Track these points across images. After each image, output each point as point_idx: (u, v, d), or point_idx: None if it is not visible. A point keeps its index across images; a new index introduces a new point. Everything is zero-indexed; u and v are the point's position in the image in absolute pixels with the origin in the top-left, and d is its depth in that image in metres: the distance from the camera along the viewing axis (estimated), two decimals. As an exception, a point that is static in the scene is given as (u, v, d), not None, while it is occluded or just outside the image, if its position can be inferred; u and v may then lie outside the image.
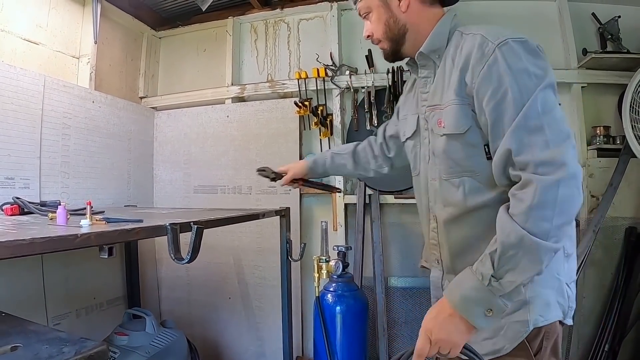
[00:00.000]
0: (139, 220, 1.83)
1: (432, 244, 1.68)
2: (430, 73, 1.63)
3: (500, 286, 1.22)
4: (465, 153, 1.46)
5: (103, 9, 3.81)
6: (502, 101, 1.30)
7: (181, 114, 4.34)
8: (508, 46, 1.33)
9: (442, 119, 1.50)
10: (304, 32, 4.15)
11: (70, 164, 3.35)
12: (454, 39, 1.55)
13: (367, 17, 1.68)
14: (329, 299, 2.94)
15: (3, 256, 1.11)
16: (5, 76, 2.85)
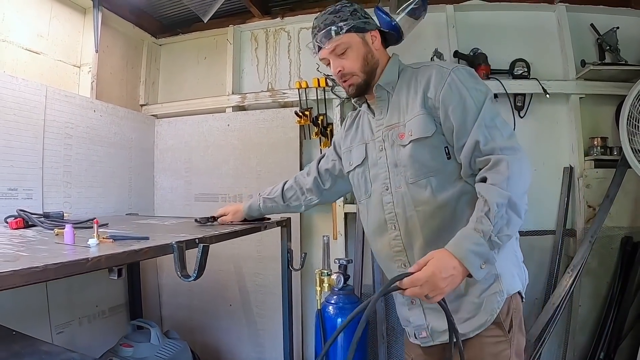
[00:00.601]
0: (145, 237, 1.85)
1: (396, 251, 1.85)
2: (384, 103, 1.90)
3: (498, 240, 1.45)
4: (431, 154, 1.72)
5: (104, 17, 3.83)
6: (464, 109, 1.64)
7: (182, 122, 4.36)
8: (459, 70, 1.72)
9: (408, 130, 1.75)
10: (305, 41, 4.15)
11: (72, 174, 3.38)
12: (405, 73, 1.88)
13: (343, 54, 1.82)
14: (330, 311, 2.99)
15: (18, 284, 1.13)
16: (7, 87, 2.87)
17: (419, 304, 1.84)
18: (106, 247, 1.65)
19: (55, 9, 3.54)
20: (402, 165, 1.78)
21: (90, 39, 3.75)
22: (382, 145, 1.87)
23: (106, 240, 1.75)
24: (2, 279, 1.09)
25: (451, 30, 3.73)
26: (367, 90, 1.90)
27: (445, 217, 1.71)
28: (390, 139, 1.83)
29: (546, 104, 3.59)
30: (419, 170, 1.73)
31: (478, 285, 1.67)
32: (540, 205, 3.50)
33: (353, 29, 1.81)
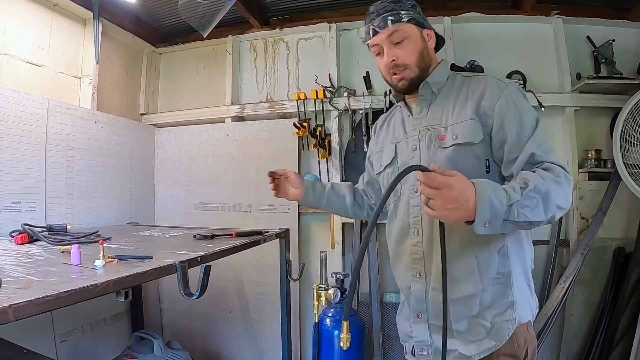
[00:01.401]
0: (149, 257, 1.91)
1: (414, 259, 1.76)
2: (426, 102, 1.80)
3: (515, 213, 1.36)
4: (471, 163, 1.63)
5: (104, 28, 3.87)
6: (520, 123, 1.57)
7: (182, 132, 4.41)
8: (516, 87, 1.66)
9: (451, 133, 1.66)
10: (303, 51, 4.23)
11: (74, 185, 3.43)
12: (455, 79, 1.81)
13: (399, 43, 1.72)
14: (327, 324, 3.11)
15: (33, 313, 1.19)
16: (10, 101, 2.92)
17: (425, 318, 1.75)
18: (112, 267, 1.72)
19: (55, 21, 3.58)
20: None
21: (91, 50, 3.79)
22: (417, 145, 1.78)
23: (112, 260, 1.81)
24: (18, 309, 1.15)
25: (448, 42, 3.73)
26: (416, 88, 1.79)
27: (471, 234, 1.48)
28: (427, 139, 1.74)
29: (541, 115, 3.45)
30: None
31: (492, 310, 1.62)
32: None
33: (413, 21, 1.74)
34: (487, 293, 1.61)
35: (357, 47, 4.03)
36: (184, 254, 2.07)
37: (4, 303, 1.14)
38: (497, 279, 1.61)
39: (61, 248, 2.15)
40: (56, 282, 1.43)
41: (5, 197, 2.89)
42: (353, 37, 4.08)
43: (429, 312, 1.72)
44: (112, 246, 2.35)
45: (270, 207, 3.99)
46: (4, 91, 2.92)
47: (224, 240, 2.64)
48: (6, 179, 2.89)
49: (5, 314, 1.12)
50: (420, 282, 1.74)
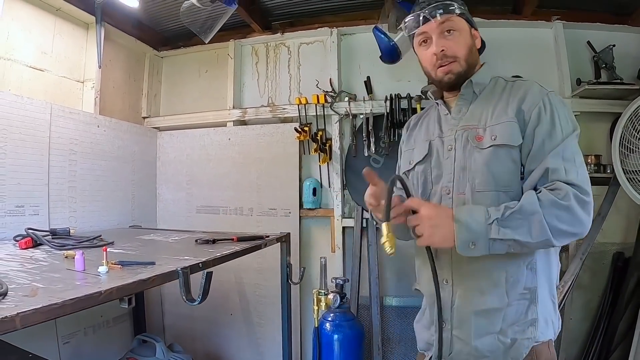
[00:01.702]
0: (152, 262, 1.93)
1: (442, 265, 1.69)
2: (466, 102, 1.77)
3: (496, 231, 1.42)
4: (507, 167, 1.59)
5: (106, 32, 3.91)
6: (549, 133, 1.53)
7: (184, 135, 4.45)
8: (556, 95, 1.62)
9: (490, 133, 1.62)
10: (304, 56, 4.25)
11: (77, 189, 3.46)
12: (497, 82, 1.77)
13: (449, 33, 1.69)
14: (327, 328, 3.13)
15: (39, 321, 1.22)
16: (13, 106, 2.95)
17: (449, 328, 1.67)
18: (115, 274, 1.76)
19: (58, 26, 3.60)
20: (472, 170, 1.64)
21: (93, 54, 3.82)
22: (452, 145, 1.72)
23: (115, 266, 1.84)
24: (25, 317, 1.18)
25: None
26: (461, 84, 1.75)
27: None
28: (464, 139, 1.69)
29: None
30: (490, 180, 1.60)
31: (515, 327, 1.57)
32: (535, 219, 3.53)
33: (464, 16, 1.72)
34: (511, 308, 1.57)
35: (358, 51, 4.06)
36: (186, 259, 2.11)
37: (11, 311, 1.17)
38: (523, 295, 1.58)
39: (65, 253, 2.18)
40: (61, 289, 1.46)
41: (9, 202, 2.91)
42: (354, 42, 4.10)
43: (453, 321, 1.66)
44: (115, 251, 2.38)
45: (272, 210, 4.02)
46: (8, 96, 2.95)
47: (225, 245, 2.67)
48: (10, 184, 2.92)
49: (13, 322, 1.15)
50: (447, 288, 1.69)
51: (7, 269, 1.83)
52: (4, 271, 1.78)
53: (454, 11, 1.68)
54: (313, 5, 4.06)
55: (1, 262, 2.01)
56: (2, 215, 2.88)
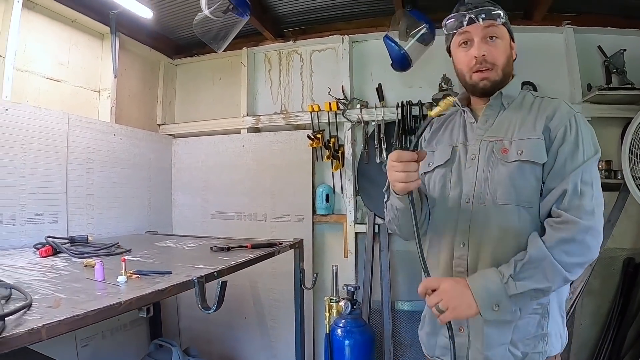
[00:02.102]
0: (168, 272, 2.00)
1: (458, 272, 1.68)
2: (494, 113, 1.75)
3: (514, 286, 1.45)
4: (529, 183, 1.60)
5: (121, 42, 3.99)
6: (572, 154, 1.54)
7: (198, 142, 4.53)
8: (582, 117, 1.63)
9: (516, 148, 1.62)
10: (317, 63, 4.30)
11: (95, 197, 3.55)
12: (526, 96, 1.77)
13: (492, 39, 1.68)
14: (338, 334, 3.19)
15: (63, 332, 1.29)
16: (32, 117, 3.05)
17: (467, 333, 1.68)
18: (134, 283, 1.83)
19: (74, 37, 3.69)
20: (495, 182, 1.64)
21: (109, 64, 3.90)
22: (476, 155, 1.72)
23: (133, 275, 1.92)
24: (50, 329, 1.25)
25: None
26: (492, 93, 1.74)
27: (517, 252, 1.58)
28: (489, 150, 1.69)
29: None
30: (512, 194, 1.61)
31: (525, 340, 1.60)
32: (546, 225, 3.52)
33: (507, 26, 1.73)
34: (523, 322, 1.59)
35: (369, 58, 4.09)
36: (201, 268, 2.18)
37: (37, 323, 1.24)
38: (535, 309, 1.59)
39: (84, 262, 2.26)
40: (83, 300, 1.53)
41: (28, 210, 3.00)
42: (366, 49, 4.13)
43: (469, 328, 1.66)
44: (132, 259, 2.46)
45: (285, 216, 4.08)
46: (27, 108, 3.04)
47: (239, 252, 2.74)
48: (29, 192, 3.01)
49: (39, 333, 1.22)
50: None
51: (30, 279, 1.91)
52: (27, 281, 1.86)
53: (499, 19, 1.68)
54: (324, 13, 4.10)
55: (24, 271, 2.09)
56: (22, 223, 2.96)
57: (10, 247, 2.80)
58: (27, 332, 1.19)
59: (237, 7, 3.05)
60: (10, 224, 2.89)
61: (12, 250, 2.72)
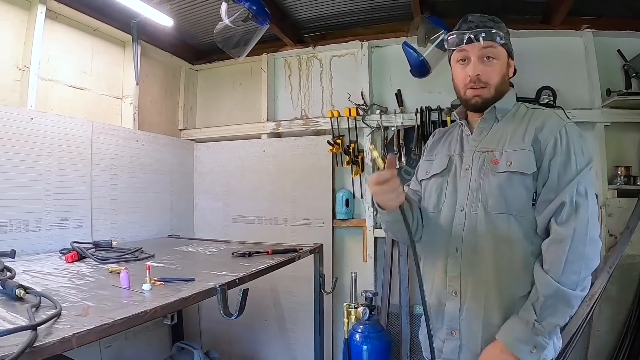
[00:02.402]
0: (191, 279, 2.06)
1: (451, 277, 1.77)
2: (488, 125, 1.84)
3: (542, 328, 1.54)
4: (519, 193, 1.67)
5: (142, 49, 4.07)
6: (565, 165, 1.61)
7: (220, 147, 4.60)
8: (573, 126, 1.69)
9: (506, 159, 1.70)
10: (336, 68, 4.33)
11: (118, 202, 3.63)
12: (519, 108, 1.85)
13: (488, 60, 1.75)
14: (357, 339, 3.25)
15: (92, 340, 1.34)
16: (57, 126, 3.14)
17: (458, 337, 1.76)
18: (158, 291, 1.90)
19: (96, 45, 3.79)
20: (486, 192, 1.72)
21: (131, 71, 3.99)
22: (470, 165, 1.80)
23: (157, 283, 1.97)
24: (81, 337, 1.31)
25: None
26: (484, 109, 1.83)
27: (512, 262, 1.68)
28: (481, 161, 1.77)
29: None
30: (502, 204, 1.68)
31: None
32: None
33: (506, 46, 1.79)
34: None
35: (389, 64, 4.12)
36: (223, 275, 2.24)
37: (68, 332, 1.30)
38: None
39: (110, 268, 2.32)
40: (110, 308, 1.59)
41: (54, 216, 3.09)
42: (385, 54, 4.16)
43: (462, 331, 1.73)
44: (156, 264, 2.53)
45: (306, 220, 4.13)
46: (51, 116, 3.14)
47: (260, 258, 2.80)
48: (55, 198, 3.10)
49: (70, 342, 1.27)
50: (455, 300, 1.75)
51: (57, 285, 1.97)
52: (55, 287, 1.92)
53: (497, 39, 1.74)
54: (344, 18, 4.13)
55: (51, 278, 2.16)
56: (47, 228, 3.05)
57: (37, 252, 2.89)
58: (58, 341, 1.24)
59: (257, 15, 3.09)
60: (36, 229, 2.98)
61: (39, 255, 2.81)
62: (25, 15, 3.17)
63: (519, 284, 1.66)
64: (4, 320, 1.41)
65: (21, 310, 1.51)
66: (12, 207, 2.84)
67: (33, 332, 1.22)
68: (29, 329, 1.25)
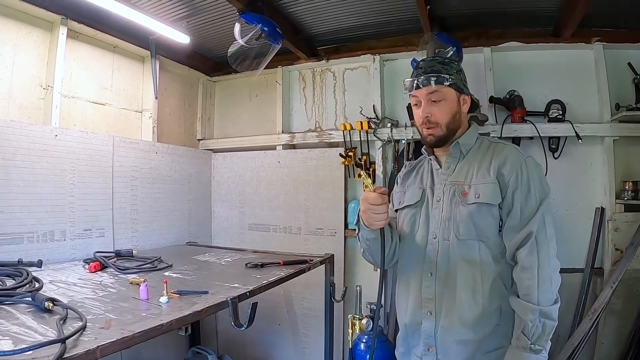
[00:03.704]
0: (205, 292, 2.22)
1: (426, 299, 1.88)
2: (454, 160, 2.00)
3: (538, 347, 1.66)
4: (487, 221, 1.82)
5: (161, 63, 4.24)
6: (526, 197, 1.79)
7: (236, 157, 4.75)
8: (531, 161, 1.87)
9: (474, 191, 1.85)
10: (349, 81, 4.44)
11: (138, 211, 3.79)
12: (482, 142, 2.02)
13: (436, 102, 1.91)
14: (361, 348, 3.38)
15: (114, 351, 1.49)
16: (79, 141, 3.32)
17: (435, 352, 1.87)
18: (174, 303, 2.05)
19: (116, 62, 3.96)
20: (457, 221, 1.85)
21: (150, 85, 4.16)
22: (441, 197, 1.94)
23: (174, 295, 2.13)
24: (104, 349, 1.45)
25: (488, 73, 3.81)
26: (442, 145, 1.97)
27: (483, 282, 1.80)
28: (451, 193, 1.91)
29: (580, 145, 3.58)
30: (472, 230, 1.83)
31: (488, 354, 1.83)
32: (571, 243, 3.57)
33: (454, 86, 1.91)
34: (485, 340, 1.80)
35: (400, 76, 4.18)
36: (236, 287, 2.38)
37: (93, 344, 1.44)
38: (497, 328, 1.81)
39: (130, 279, 2.48)
40: (130, 321, 1.73)
41: (78, 226, 3.26)
42: (396, 67, 4.24)
43: (438, 347, 1.85)
44: (173, 275, 2.70)
45: (319, 230, 4.25)
46: (74, 133, 3.31)
47: (272, 269, 2.95)
48: (78, 210, 3.27)
49: (94, 353, 1.42)
50: (431, 319, 1.87)
51: (82, 297, 2.12)
52: (80, 299, 2.07)
53: (444, 82, 1.89)
54: (357, 32, 4.22)
55: (76, 288, 2.31)
56: (72, 238, 3.22)
57: (62, 261, 3.06)
58: (84, 353, 1.38)
59: (269, 36, 3.22)
60: (61, 239, 3.14)
61: (63, 264, 2.97)
62: (48, 36, 3.34)
63: (489, 300, 1.79)
64: (36, 332, 1.55)
65: (50, 322, 1.65)
66: (39, 218, 3.00)
67: (62, 345, 1.36)
68: (58, 342, 1.38)
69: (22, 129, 2.92)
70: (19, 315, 1.76)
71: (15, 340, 1.46)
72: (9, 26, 3.12)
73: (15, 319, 1.71)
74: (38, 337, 1.49)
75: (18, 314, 1.78)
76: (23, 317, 1.73)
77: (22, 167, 2.91)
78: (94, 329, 1.60)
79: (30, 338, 1.49)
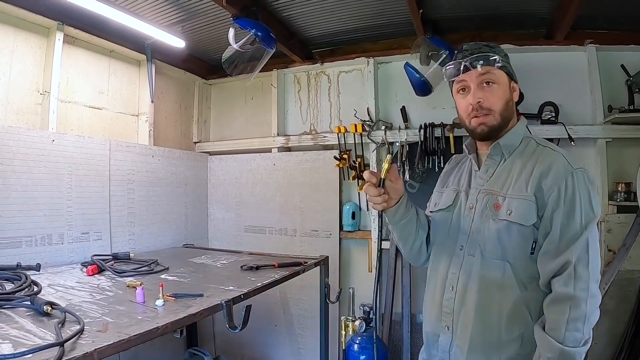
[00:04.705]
0: (200, 294, 2.26)
1: (445, 312, 1.77)
2: (494, 163, 1.80)
3: None
4: (517, 242, 1.63)
5: (157, 67, 4.28)
6: (568, 221, 1.55)
7: (232, 160, 4.79)
8: (583, 174, 1.60)
9: (507, 206, 1.65)
10: (344, 84, 4.47)
11: (135, 214, 3.83)
12: (528, 144, 1.78)
13: (488, 85, 1.71)
14: (354, 349, 3.40)
15: (111, 354, 1.53)
16: (76, 145, 3.35)
17: None
18: (170, 306, 2.09)
19: (112, 66, 3.99)
20: (485, 236, 1.69)
21: (146, 89, 4.20)
22: (474, 205, 1.77)
23: (169, 298, 2.17)
24: (101, 352, 1.50)
25: None
26: (492, 137, 1.78)
27: (502, 307, 1.64)
28: (483, 203, 1.73)
29: (573, 147, 3.49)
30: (498, 250, 1.65)
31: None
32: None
33: (505, 69, 1.73)
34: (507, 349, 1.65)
35: (394, 80, 4.22)
36: (230, 290, 2.42)
37: (90, 347, 1.48)
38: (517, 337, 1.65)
39: (127, 282, 2.51)
40: (126, 324, 1.78)
41: (75, 230, 3.29)
42: (390, 70, 4.27)
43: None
44: (169, 278, 2.73)
45: (314, 232, 4.29)
46: (71, 137, 3.35)
47: (266, 271, 2.98)
48: (76, 214, 3.30)
49: (92, 356, 1.46)
50: (448, 335, 1.76)
51: (80, 300, 2.17)
52: (77, 303, 2.12)
53: (495, 63, 1.70)
54: (351, 35, 4.24)
55: (74, 292, 2.35)
56: (69, 242, 3.25)
57: (60, 264, 3.10)
58: (82, 356, 1.42)
59: (263, 41, 3.27)
60: (59, 242, 3.18)
61: (62, 267, 3.01)
62: (44, 42, 3.37)
63: (505, 329, 1.63)
64: (35, 336, 1.59)
65: (49, 325, 1.70)
66: (37, 222, 3.04)
67: (61, 348, 1.40)
68: (57, 345, 1.42)
69: (19, 134, 2.96)
70: (19, 318, 1.80)
71: (15, 344, 1.50)
72: (6, 32, 3.15)
73: (15, 322, 1.75)
74: (37, 341, 1.53)
75: (17, 317, 1.82)
76: (22, 320, 1.78)
77: (20, 172, 2.94)
78: (92, 332, 1.64)
79: (29, 341, 1.53)
